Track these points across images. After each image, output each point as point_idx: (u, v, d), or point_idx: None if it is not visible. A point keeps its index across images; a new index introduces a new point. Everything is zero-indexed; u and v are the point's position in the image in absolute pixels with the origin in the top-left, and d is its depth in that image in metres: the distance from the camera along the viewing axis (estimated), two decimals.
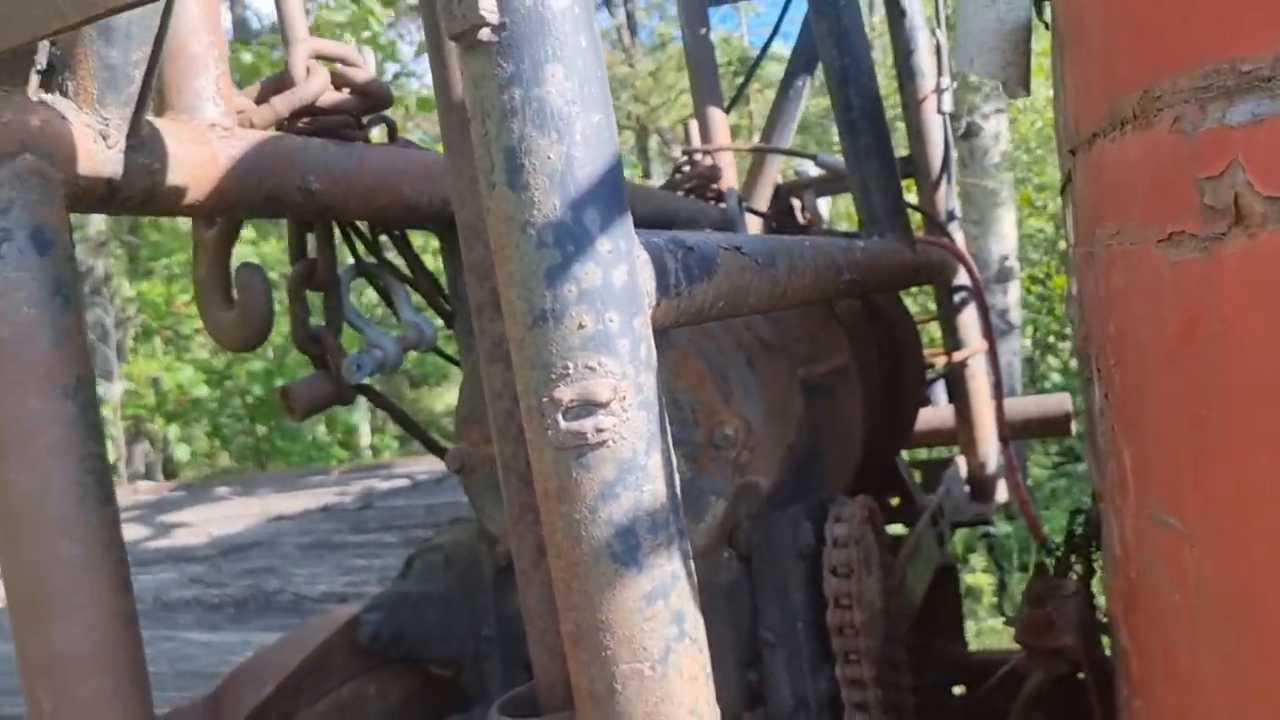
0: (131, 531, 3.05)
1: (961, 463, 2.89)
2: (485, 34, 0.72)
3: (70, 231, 1.02)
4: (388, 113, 1.47)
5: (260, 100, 1.32)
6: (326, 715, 1.46)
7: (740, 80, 6.25)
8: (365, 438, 7.53)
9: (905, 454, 2.79)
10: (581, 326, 0.73)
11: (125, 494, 4.16)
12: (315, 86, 1.32)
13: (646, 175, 12.28)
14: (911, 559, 2.01)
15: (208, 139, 1.17)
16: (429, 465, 3.76)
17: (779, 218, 2.95)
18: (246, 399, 5.80)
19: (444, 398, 8.69)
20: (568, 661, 0.79)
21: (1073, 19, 1.02)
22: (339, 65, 1.40)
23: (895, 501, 2.37)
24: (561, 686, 0.87)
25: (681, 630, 0.77)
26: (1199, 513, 0.83)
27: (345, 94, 1.39)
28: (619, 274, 0.75)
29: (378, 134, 1.48)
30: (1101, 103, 0.93)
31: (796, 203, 3.02)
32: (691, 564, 0.78)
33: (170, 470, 6.37)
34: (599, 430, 0.73)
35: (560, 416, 0.73)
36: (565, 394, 0.73)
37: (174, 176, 1.12)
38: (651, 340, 0.78)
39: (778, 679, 1.31)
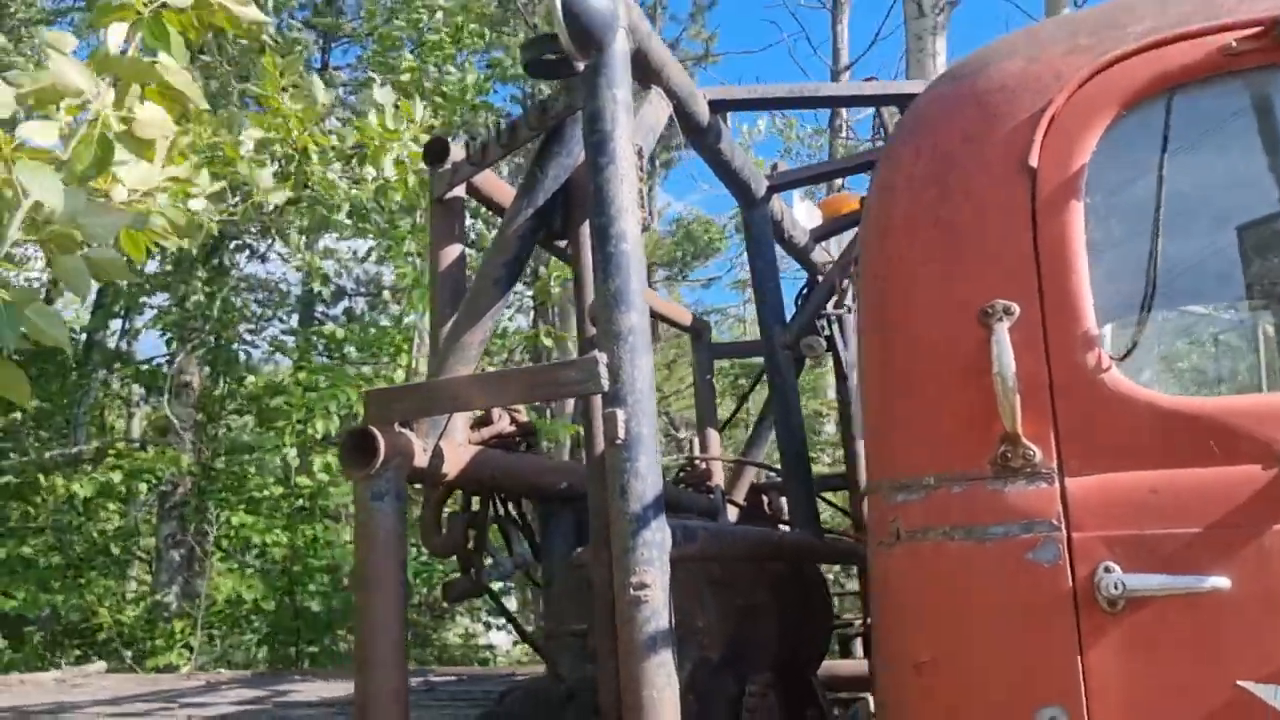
0: (247, 693, 4.06)
1: (871, 702, 3.93)
2: (616, 444, 1.95)
3: (406, 490, 2.22)
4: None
5: (474, 428, 2.57)
6: None
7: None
8: None
9: (832, 694, 3.84)
10: (643, 554, 1.92)
11: (207, 677, 5.14)
12: (503, 425, 2.58)
13: None
14: None
15: (458, 450, 2.40)
16: (465, 671, 4.75)
17: (750, 509, 4.16)
18: (304, 608, 6.91)
19: (456, 629, 9.77)
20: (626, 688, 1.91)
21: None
22: (511, 411, 2.66)
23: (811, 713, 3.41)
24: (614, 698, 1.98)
25: (670, 676, 1.90)
26: None
27: (513, 427, 2.65)
28: (658, 538, 1.94)
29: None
30: (872, 478, 2.15)
31: (765, 498, 4.25)
32: (671, 647, 1.92)
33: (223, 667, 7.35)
34: (645, 592, 1.90)
35: (631, 587, 1.90)
36: (634, 578, 1.91)
37: (445, 467, 2.34)
38: (668, 563, 1.96)
39: None
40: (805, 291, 3.96)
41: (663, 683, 1.89)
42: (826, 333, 3.98)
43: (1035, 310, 1.83)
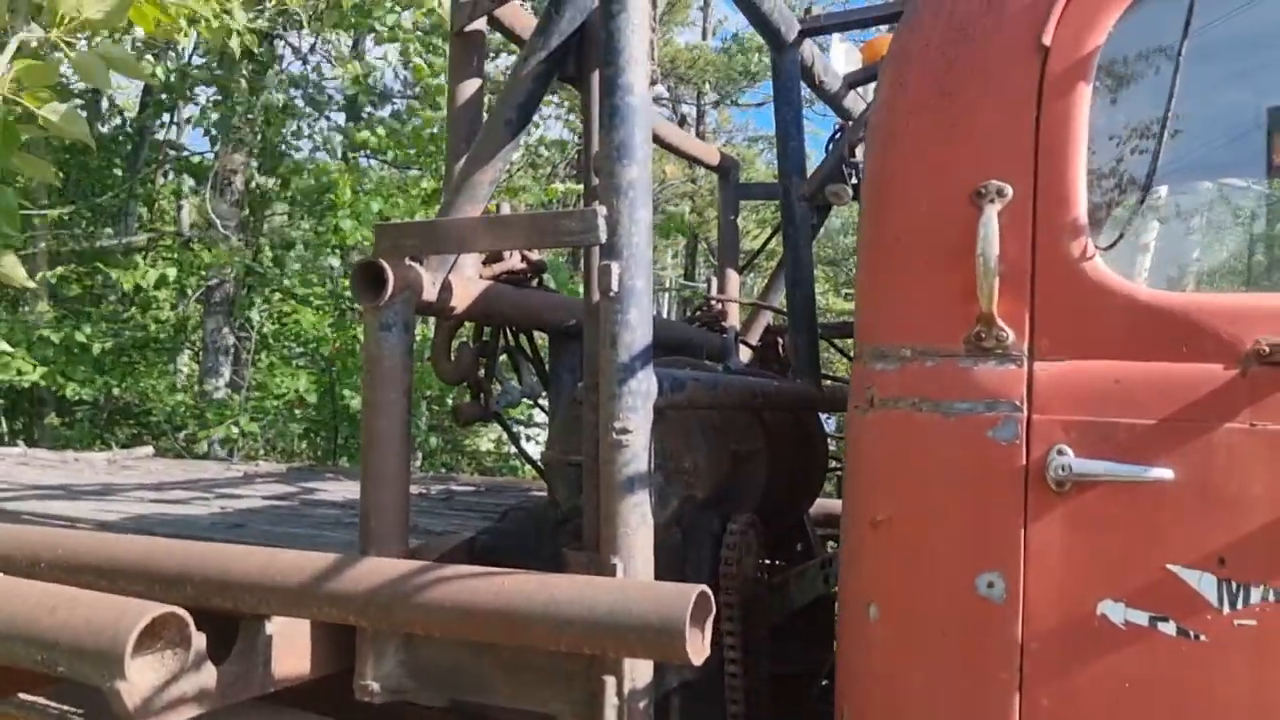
0: (279, 489, 4.34)
1: None
2: (609, 296, 2.03)
3: (414, 322, 2.32)
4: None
5: (486, 264, 2.65)
6: None
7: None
8: None
9: (827, 531, 4.03)
10: (627, 402, 2.03)
11: (245, 469, 5.46)
12: (514, 261, 2.65)
13: (690, 277, 13.73)
14: (799, 576, 3.25)
15: (467, 284, 2.49)
16: (488, 482, 5.02)
17: (764, 350, 4.25)
18: (343, 407, 7.30)
19: (488, 437, 10.23)
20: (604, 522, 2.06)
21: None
22: (523, 251, 2.73)
23: (800, 547, 3.61)
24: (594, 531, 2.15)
25: (644, 516, 2.04)
26: None
27: (524, 264, 2.72)
28: (644, 386, 2.05)
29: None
30: (857, 343, 2.22)
31: (780, 341, 4.33)
32: (648, 488, 2.05)
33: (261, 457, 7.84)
34: (627, 436, 2.02)
35: (614, 431, 2.02)
36: (617, 424, 2.02)
37: (453, 301, 2.43)
38: (652, 411, 2.06)
39: None
40: (836, 137, 3.91)
41: (636, 522, 2.03)
42: (854, 180, 3.95)
43: (1027, 193, 1.84)
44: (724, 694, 2.61)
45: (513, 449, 10.60)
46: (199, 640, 1.98)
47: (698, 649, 1.74)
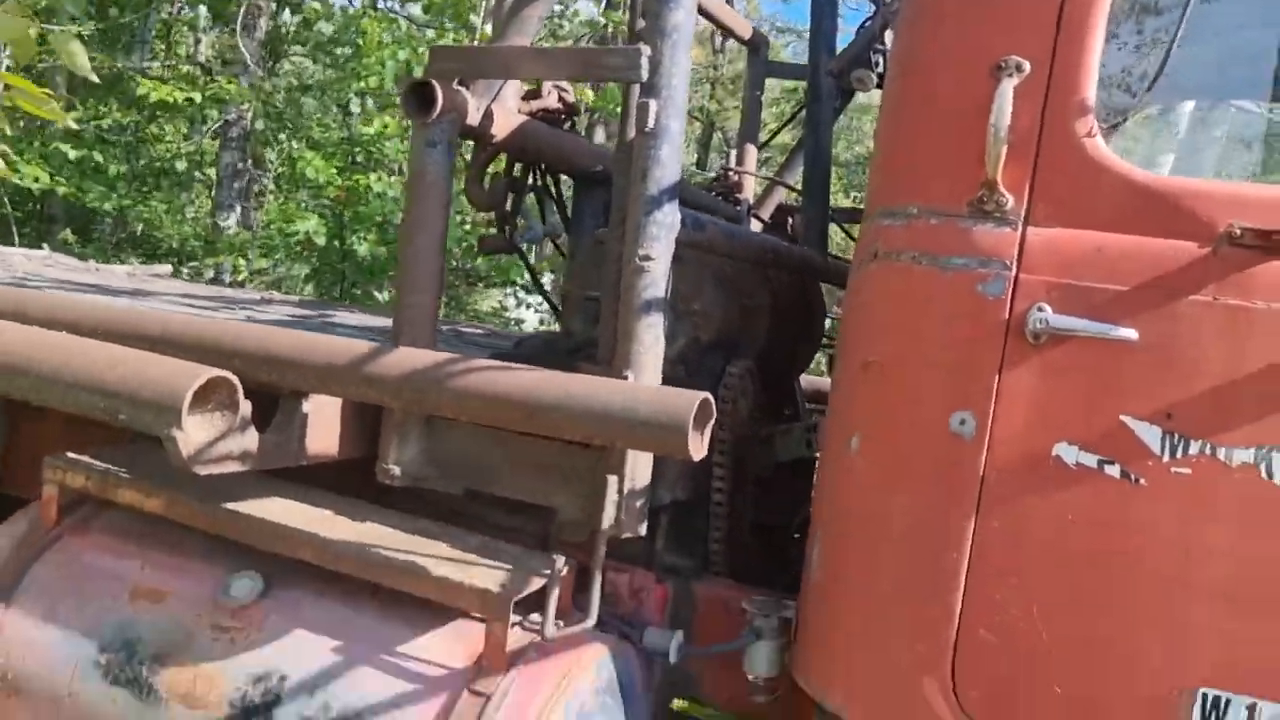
0: (298, 311, 4.52)
1: None
2: (645, 132, 2.18)
3: (459, 144, 2.47)
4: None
5: (525, 99, 2.79)
6: None
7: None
8: None
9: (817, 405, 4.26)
10: (652, 231, 2.20)
11: (262, 294, 5.64)
12: (551, 100, 2.79)
13: (701, 166, 13.75)
14: (785, 433, 3.48)
15: (508, 115, 2.64)
16: (492, 330, 5.21)
17: (775, 229, 4.42)
18: (351, 251, 7.47)
19: (489, 300, 10.43)
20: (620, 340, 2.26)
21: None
22: (559, 89, 2.86)
23: (788, 413, 3.84)
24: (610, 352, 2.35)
25: (658, 337, 2.24)
26: None
27: (559, 103, 2.86)
28: (669, 218, 2.22)
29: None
30: (868, 207, 2.39)
31: (790, 219, 4.49)
32: (663, 313, 2.25)
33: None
34: (649, 263, 2.20)
35: (638, 257, 2.20)
36: (641, 250, 2.20)
37: (493, 129, 2.58)
38: (673, 243, 2.24)
39: None
40: (868, 22, 3.99)
41: (650, 341, 2.22)
42: (880, 69, 4.05)
43: (1044, 71, 1.99)
44: (708, 526, 2.86)
45: (511, 312, 10.83)
46: (245, 406, 2.19)
47: (698, 446, 1.96)
